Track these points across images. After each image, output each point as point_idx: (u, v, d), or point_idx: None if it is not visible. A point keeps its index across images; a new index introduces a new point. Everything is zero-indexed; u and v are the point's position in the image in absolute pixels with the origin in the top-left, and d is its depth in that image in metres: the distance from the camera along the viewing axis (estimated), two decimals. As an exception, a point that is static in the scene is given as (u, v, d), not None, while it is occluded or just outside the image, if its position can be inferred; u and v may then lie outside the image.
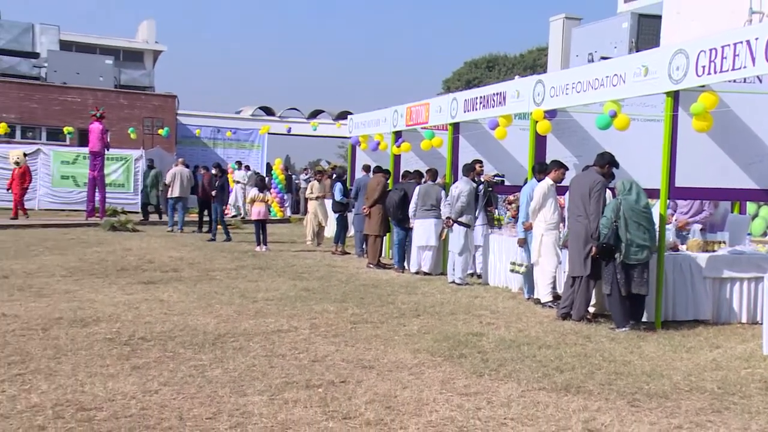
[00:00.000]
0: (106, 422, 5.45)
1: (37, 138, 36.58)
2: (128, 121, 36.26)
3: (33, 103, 37.50)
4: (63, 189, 30.07)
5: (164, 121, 37.42)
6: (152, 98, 40.93)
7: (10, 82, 38.69)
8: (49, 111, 37.52)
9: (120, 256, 15.80)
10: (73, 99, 37.87)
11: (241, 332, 8.64)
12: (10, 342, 7.84)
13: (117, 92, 40.25)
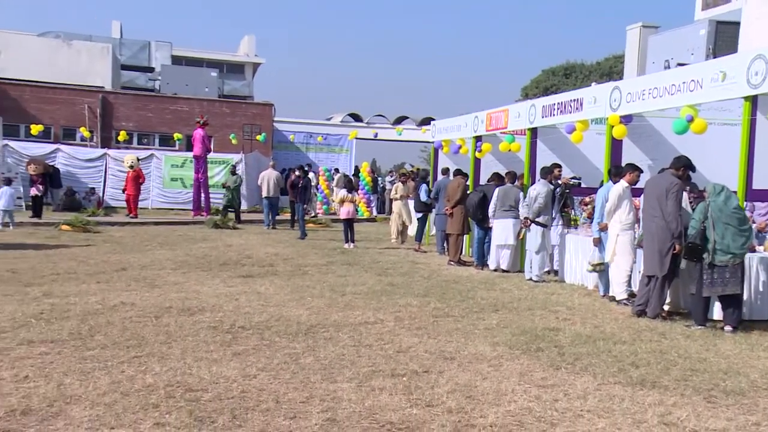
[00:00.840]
0: (211, 402, 5.55)
1: (151, 144, 37.60)
2: (230, 127, 36.88)
3: (148, 113, 38.52)
4: (172, 190, 30.81)
5: (262, 127, 38.02)
6: (251, 107, 41.53)
7: (130, 94, 39.95)
8: (161, 119, 38.47)
9: (222, 252, 16.03)
10: (182, 108, 38.73)
11: (331, 323, 8.67)
12: (128, 328, 8.03)
13: (220, 101, 41.01)
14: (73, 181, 29.25)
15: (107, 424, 5.02)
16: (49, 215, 24.38)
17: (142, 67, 47.03)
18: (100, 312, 8.84)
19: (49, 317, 8.40)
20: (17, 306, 9.01)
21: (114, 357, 6.78)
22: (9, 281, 10.92)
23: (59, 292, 10.15)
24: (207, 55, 50.91)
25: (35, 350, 6.92)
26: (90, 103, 37.43)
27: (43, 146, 30.80)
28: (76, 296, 9.85)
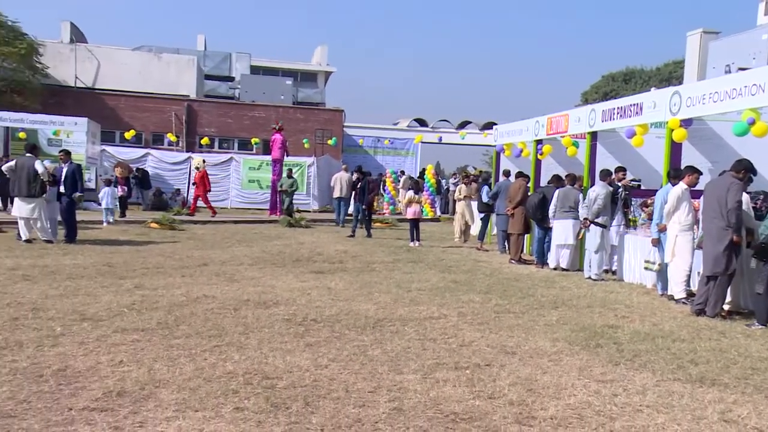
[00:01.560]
0: (285, 390, 5.61)
1: (231, 148, 38.26)
2: (303, 132, 37.27)
3: (228, 119, 39.22)
4: (250, 191, 31.26)
5: (333, 132, 38.32)
6: (323, 113, 41.87)
7: (212, 102, 40.72)
8: (240, 125, 39.12)
9: (295, 249, 16.16)
10: (259, 115, 39.30)
11: (397, 318, 8.69)
12: (210, 319, 8.16)
13: (295, 108, 41.45)
14: (161, 182, 29.97)
15: (192, 407, 5.14)
16: (140, 214, 25.00)
17: (224, 76, 47.77)
18: (184, 304, 9.01)
19: (140, 308, 8.61)
20: (113, 297, 9.25)
21: (197, 345, 6.91)
22: (105, 274, 11.20)
23: (149, 284, 10.37)
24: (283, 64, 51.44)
25: (128, 337, 7.10)
26: (177, 111, 38.32)
27: (135, 150, 31.62)
28: (163, 289, 10.05)
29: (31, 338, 6.89)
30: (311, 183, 31.43)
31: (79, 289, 9.76)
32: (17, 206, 15.30)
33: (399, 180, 33.23)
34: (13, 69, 34.58)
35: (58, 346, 6.66)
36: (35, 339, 6.86)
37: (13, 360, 6.13)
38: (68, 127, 27.51)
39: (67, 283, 10.14)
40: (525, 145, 18.63)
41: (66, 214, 15.70)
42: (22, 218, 15.14)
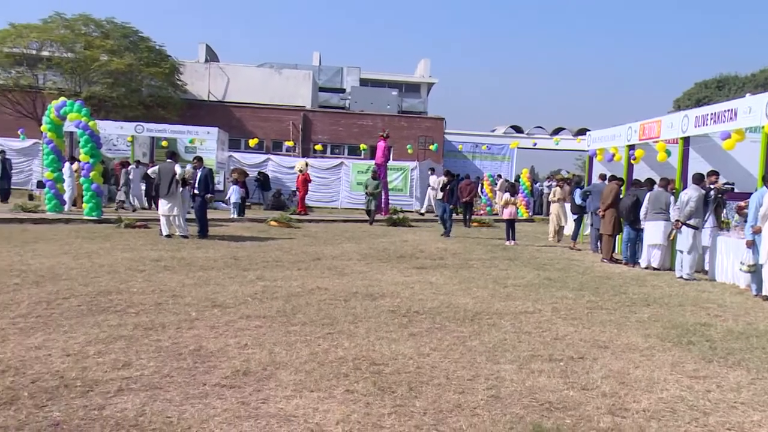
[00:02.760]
0: (391, 375, 5.67)
1: (341, 153, 38.81)
2: (407, 139, 37.41)
3: (339, 127, 39.82)
4: (358, 193, 31.47)
5: (434, 138, 38.31)
6: (425, 121, 41.90)
7: (325, 112, 41.45)
8: (350, 133, 39.63)
9: (399, 246, 16.21)
10: (367, 123, 39.71)
11: (494, 311, 8.63)
12: (322, 309, 8.30)
13: (399, 117, 41.62)
14: (280, 184, 30.65)
15: (308, 387, 5.27)
16: (261, 213, 25.67)
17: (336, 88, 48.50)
18: (300, 294, 9.18)
19: (262, 297, 8.83)
20: (238, 287, 9.52)
21: (312, 332, 7.04)
22: (232, 266, 11.52)
23: (269, 276, 10.61)
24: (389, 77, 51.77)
25: (252, 323, 7.32)
26: (294, 120, 39.16)
27: (258, 156, 32.45)
28: (282, 280, 10.26)
29: (172, 321, 7.22)
30: (414, 185, 31.50)
31: (210, 279, 10.11)
32: (159, 205, 16.03)
33: (496, 183, 32.97)
34: (159, 86, 36.35)
35: (193, 328, 6.95)
36: (175, 322, 7.18)
37: (158, 339, 6.44)
38: (202, 136, 28.56)
39: (200, 274, 10.52)
40: (617, 149, 18.16)
41: (199, 212, 16.29)
42: (163, 216, 15.83)
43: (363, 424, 4.57)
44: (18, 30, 33.88)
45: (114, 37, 35.35)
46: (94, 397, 4.80)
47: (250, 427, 4.43)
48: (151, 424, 4.38)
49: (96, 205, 19.34)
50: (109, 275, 9.96)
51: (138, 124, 28.75)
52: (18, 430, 4.21)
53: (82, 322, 6.98)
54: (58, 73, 35.00)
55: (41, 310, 7.48)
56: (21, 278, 9.36)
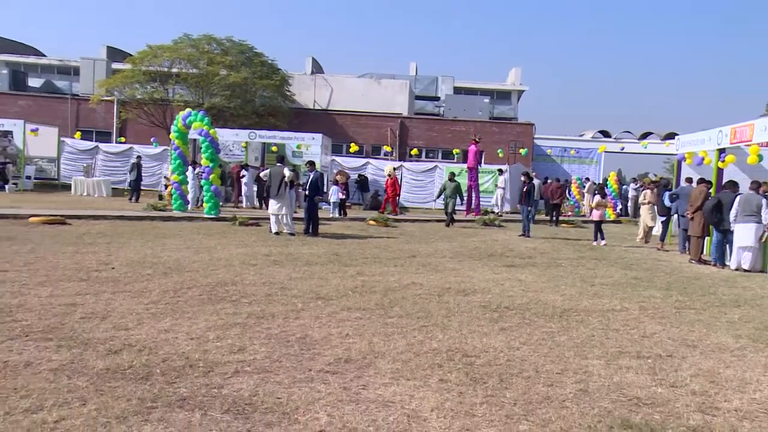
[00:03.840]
0: (482, 367, 5.64)
1: (435, 157, 38.83)
2: (498, 143, 37.05)
3: (433, 133, 39.86)
4: (451, 194, 31.46)
5: (524, 143, 37.78)
6: (516, 126, 41.39)
7: (421, 118, 41.57)
8: (443, 138, 39.61)
9: (489, 245, 16.07)
10: (460, 129, 39.57)
11: (581, 309, 8.43)
12: (418, 303, 8.31)
13: (490, 122, 41.25)
14: (378, 186, 30.88)
15: (404, 376, 5.30)
16: (361, 213, 25.98)
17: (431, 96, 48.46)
18: (397, 289, 9.22)
19: (361, 291, 8.93)
20: (340, 281, 9.65)
21: (408, 325, 7.07)
22: (334, 262, 11.70)
23: (368, 272, 10.72)
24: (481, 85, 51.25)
25: (352, 315, 7.41)
26: (392, 127, 39.44)
27: (358, 160, 32.84)
28: (380, 276, 10.34)
29: (280, 311, 7.40)
30: (505, 188, 31.10)
31: (314, 273, 10.30)
32: (269, 205, 16.48)
33: (584, 186, 32.20)
34: (270, 97, 37.43)
35: (299, 318, 7.10)
36: (283, 312, 7.37)
37: (268, 327, 6.62)
38: (307, 142, 29.13)
39: (305, 268, 10.74)
40: (706, 153, 17.36)
41: (310, 212, 16.62)
42: (273, 215, 16.26)
43: (456, 412, 4.56)
44: (154, 50, 35.72)
45: (232, 53, 36.63)
46: (214, 377, 4.99)
47: (352, 410, 4.49)
48: (264, 403, 4.52)
49: (214, 204, 20.06)
50: (225, 268, 10.31)
51: (251, 131, 29.62)
52: (153, 402, 4.43)
53: (203, 310, 7.26)
54: (185, 87, 36.56)
55: (169, 298, 7.84)
56: (152, 269, 9.82)
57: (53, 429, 3.93)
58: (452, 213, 21.83)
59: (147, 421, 4.10)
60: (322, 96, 41.80)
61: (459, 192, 21.87)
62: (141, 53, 36.27)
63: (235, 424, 4.14)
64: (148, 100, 36.10)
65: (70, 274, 9.01)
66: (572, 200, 32.06)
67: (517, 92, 52.12)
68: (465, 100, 43.77)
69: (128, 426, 4.01)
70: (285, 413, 4.37)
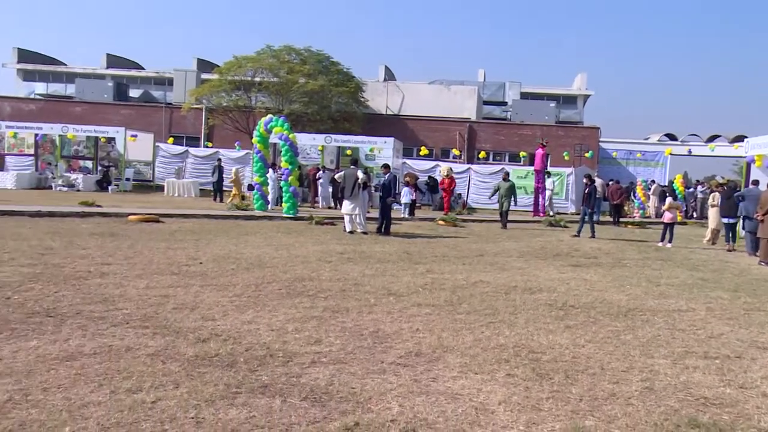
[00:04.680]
0: (548, 363, 5.54)
1: (502, 160, 38.45)
2: (563, 147, 36.30)
3: (501, 136, 39.49)
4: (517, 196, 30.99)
5: (589, 146, 36.92)
6: (581, 130, 40.58)
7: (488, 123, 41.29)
8: (510, 141, 39.15)
9: (555, 245, 15.76)
10: (526, 133, 39.03)
11: (647, 308, 8.16)
12: (485, 300, 8.23)
13: (556, 126, 40.61)
14: (446, 188, 30.76)
15: (472, 370, 5.26)
16: (430, 213, 25.93)
17: (498, 102, 48.04)
18: (464, 286, 9.15)
19: (431, 288, 8.89)
20: (410, 278, 9.64)
21: (475, 321, 7.01)
22: (404, 260, 11.70)
23: (437, 269, 10.67)
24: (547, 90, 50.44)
25: (422, 311, 7.40)
26: (460, 131, 39.23)
27: (427, 163, 32.77)
28: (448, 273, 10.28)
29: (354, 306, 7.46)
30: (569, 190, 30.45)
31: (386, 270, 10.32)
32: (344, 205, 16.64)
33: (649, 188, 31.23)
34: (345, 103, 37.89)
35: (372, 313, 7.14)
36: (357, 307, 7.42)
37: (343, 321, 6.68)
38: (380, 145, 29.27)
39: (377, 266, 10.78)
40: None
41: (383, 212, 16.71)
42: (346, 214, 16.41)
43: (523, 406, 4.49)
44: (239, 61, 36.77)
45: (310, 62, 37.25)
46: (292, 367, 5.08)
47: (422, 402, 4.49)
48: (339, 392, 4.57)
49: (293, 204, 20.40)
50: (302, 264, 10.46)
51: (327, 136, 29.99)
52: (237, 388, 4.54)
53: (282, 303, 7.39)
54: (267, 94, 37.42)
55: (251, 291, 8.01)
56: (236, 265, 10.07)
57: (151, 408, 4.08)
58: (506, 213, 20.86)
59: (232, 405, 4.20)
60: (394, 102, 41.95)
61: (513, 192, 21.17)
62: (227, 64, 37.39)
63: (312, 411, 4.20)
64: (233, 107, 37.13)
65: (163, 268, 9.33)
66: (637, 202, 31.14)
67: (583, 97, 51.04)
68: (531, 104, 43.19)
69: (216, 409, 4.13)
70: (359, 402, 4.40)
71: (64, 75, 50.34)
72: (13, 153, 31.72)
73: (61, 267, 8.93)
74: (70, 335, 5.62)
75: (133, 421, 3.88)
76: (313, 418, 4.08)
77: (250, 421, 3.97)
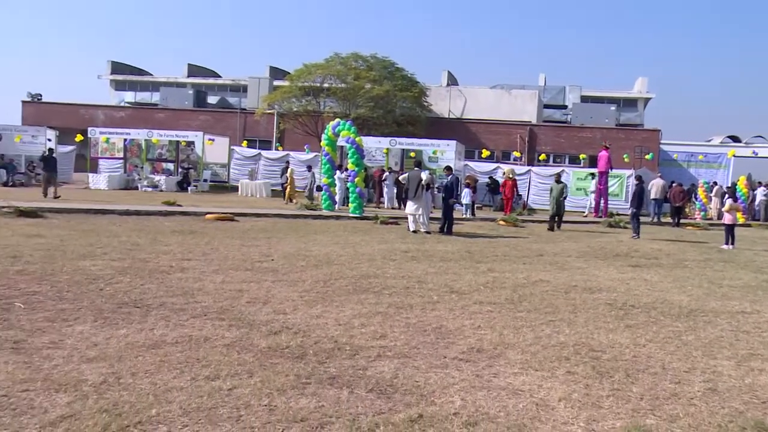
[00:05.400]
0: (608, 362, 5.40)
1: (562, 162, 37.76)
2: (623, 149, 35.31)
3: (561, 139, 38.78)
4: (577, 197, 30.34)
5: (650, 148, 35.85)
6: (642, 132, 39.52)
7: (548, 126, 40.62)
8: (570, 144, 38.40)
9: (615, 245, 15.31)
10: (586, 135, 38.24)
11: (709, 310, 7.84)
12: (545, 299, 8.09)
13: (617, 129, 39.65)
14: (508, 189, 30.39)
15: (533, 366, 5.18)
16: (491, 214, 25.67)
17: (559, 105, 47.11)
18: (525, 285, 9.02)
19: (492, 286, 8.81)
20: (472, 276, 9.58)
21: (536, 319, 6.90)
22: (466, 259, 11.62)
23: (498, 268, 10.55)
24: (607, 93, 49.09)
25: (484, 308, 7.33)
26: (521, 134, 38.73)
27: (489, 165, 32.47)
28: (509, 272, 10.15)
29: (418, 302, 7.45)
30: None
31: (448, 269, 10.27)
32: (408, 206, 16.64)
33: (711, 190, 30.03)
34: (409, 107, 37.94)
35: (435, 310, 7.11)
36: (420, 303, 7.41)
37: (407, 317, 6.68)
38: (442, 148, 29.15)
39: (440, 264, 10.74)
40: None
41: (446, 212, 16.62)
42: (410, 215, 16.42)
43: (583, 403, 4.40)
44: (308, 68, 37.37)
45: (376, 69, 37.44)
46: (359, 360, 5.12)
47: (484, 396, 4.45)
48: (403, 385, 4.58)
49: (359, 204, 20.55)
50: (368, 262, 10.52)
51: (392, 139, 30.07)
52: (307, 378, 4.61)
53: (348, 299, 7.45)
54: (334, 99, 37.84)
55: (320, 287, 8.11)
56: (305, 261, 10.22)
57: (227, 395, 4.19)
58: (556, 215, 19.47)
59: (303, 395, 4.27)
60: (457, 106, 41.74)
61: (565, 194, 20.46)
62: (297, 71, 38.02)
63: (378, 402, 4.22)
64: (303, 112, 37.71)
65: (237, 264, 9.56)
66: (699, 204, 29.99)
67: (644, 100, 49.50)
68: (591, 108, 42.26)
69: (287, 398, 4.20)
70: (422, 395, 4.40)
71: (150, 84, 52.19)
72: (105, 156, 33.16)
73: (146, 262, 9.27)
74: (155, 325, 5.83)
75: (212, 406, 3.99)
76: (379, 409, 4.10)
77: (319, 410, 4.02)
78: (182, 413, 3.86)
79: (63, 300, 6.61)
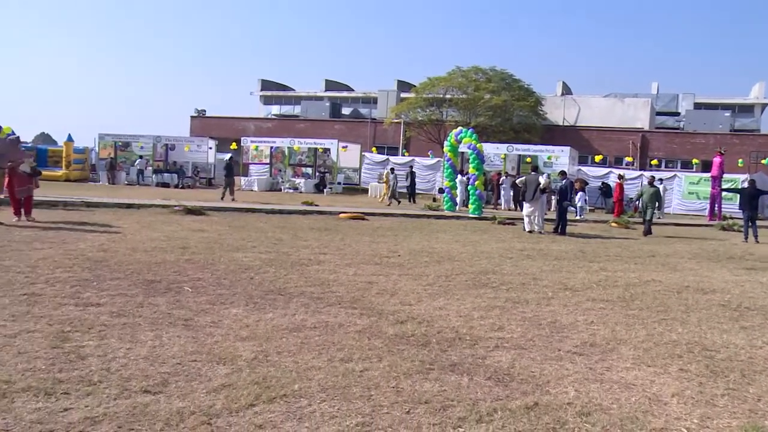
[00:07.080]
0: (723, 361, 5.02)
1: (674, 167, 35.33)
2: (738, 154, 32.54)
3: (674, 145, 36.41)
4: (689, 201, 28.26)
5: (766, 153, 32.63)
6: (758, 138, 36.31)
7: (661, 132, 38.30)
8: (683, 149, 35.96)
9: (728, 248, 14.12)
10: (699, 141, 35.62)
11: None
12: (657, 298, 7.63)
13: (731, 135, 36.64)
14: (619, 192, 28.84)
15: (645, 362, 4.91)
16: (603, 216, 24.50)
17: (671, 112, 44.06)
18: (637, 284, 8.57)
19: (604, 284, 8.45)
20: (585, 275, 9.24)
21: (648, 317, 6.54)
22: (579, 258, 11.22)
23: (610, 268, 10.10)
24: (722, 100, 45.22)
25: (596, 305, 7.04)
26: (633, 140, 36.71)
27: (601, 170, 31.00)
28: (621, 272, 9.68)
29: (533, 298, 7.28)
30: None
31: (562, 267, 9.95)
32: (524, 207, 16.29)
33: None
34: (525, 116, 37.17)
35: (549, 305, 6.92)
36: (535, 299, 7.24)
37: (523, 311, 6.54)
38: (557, 153, 28.19)
39: (554, 262, 10.42)
40: None
41: (560, 214, 16.16)
42: (526, 216, 16.04)
43: (697, 400, 4.12)
44: (432, 81, 37.63)
45: (495, 80, 36.96)
46: (478, 349, 5.09)
47: (597, 389, 4.28)
48: (519, 375, 4.50)
49: (478, 206, 20.36)
50: (486, 260, 10.40)
51: (509, 145, 29.53)
52: (430, 365, 4.62)
53: (468, 293, 7.41)
54: (456, 109, 37.77)
55: (442, 281, 8.14)
56: (429, 258, 10.27)
57: (359, 376, 4.31)
58: (650, 220, 17.04)
59: (426, 380, 4.30)
60: (570, 114, 40.23)
61: (658, 198, 18.48)
62: (422, 84, 38.35)
63: (496, 389, 4.19)
64: (427, 121, 37.97)
65: (367, 259, 9.78)
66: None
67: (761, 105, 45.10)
68: (705, 114, 39.22)
69: (413, 381, 4.26)
70: (538, 385, 4.30)
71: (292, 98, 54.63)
72: (255, 162, 35.15)
73: (288, 255, 9.73)
74: (296, 311, 6.10)
75: (346, 385, 4.12)
76: (497, 396, 4.06)
77: (441, 394, 4.04)
78: (320, 389, 4.01)
79: (221, 286, 7.07)
